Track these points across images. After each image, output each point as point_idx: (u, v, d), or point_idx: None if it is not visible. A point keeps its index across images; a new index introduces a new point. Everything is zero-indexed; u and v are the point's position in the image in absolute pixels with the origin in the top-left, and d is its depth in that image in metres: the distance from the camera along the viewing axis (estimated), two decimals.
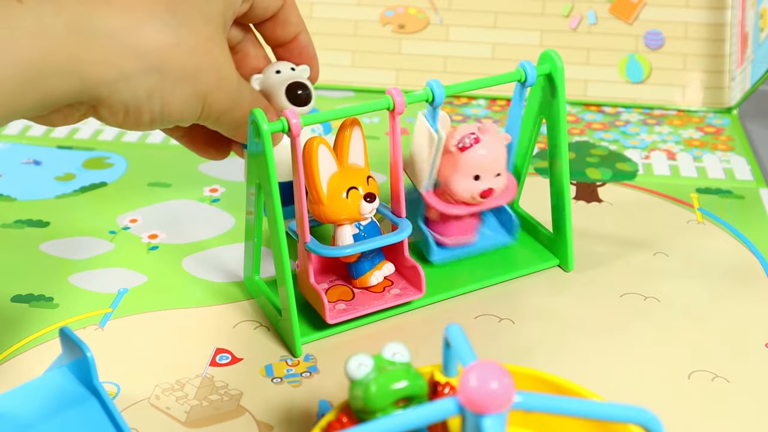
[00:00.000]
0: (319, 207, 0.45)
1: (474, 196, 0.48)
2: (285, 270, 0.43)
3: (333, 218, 0.46)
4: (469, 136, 0.47)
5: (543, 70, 0.48)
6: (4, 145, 0.68)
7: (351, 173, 0.45)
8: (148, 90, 0.39)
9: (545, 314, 0.49)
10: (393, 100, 0.45)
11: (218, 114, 0.42)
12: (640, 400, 0.42)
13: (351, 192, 0.45)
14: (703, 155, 0.67)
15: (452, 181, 0.48)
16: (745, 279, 0.52)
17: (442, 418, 0.31)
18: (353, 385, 0.35)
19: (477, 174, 0.48)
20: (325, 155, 0.45)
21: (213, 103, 0.42)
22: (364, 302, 0.48)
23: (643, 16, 0.75)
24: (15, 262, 0.54)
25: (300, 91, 0.48)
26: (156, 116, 0.40)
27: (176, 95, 0.40)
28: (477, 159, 0.47)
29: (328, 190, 0.45)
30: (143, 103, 0.39)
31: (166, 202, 0.60)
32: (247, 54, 0.49)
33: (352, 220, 0.46)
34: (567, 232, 0.51)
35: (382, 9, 0.77)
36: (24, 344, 0.47)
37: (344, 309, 0.47)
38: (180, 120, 0.41)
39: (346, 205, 0.45)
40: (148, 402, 0.43)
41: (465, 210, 0.49)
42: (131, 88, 0.38)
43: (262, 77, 0.48)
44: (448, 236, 0.50)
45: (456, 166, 0.48)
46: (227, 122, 0.43)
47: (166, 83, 0.39)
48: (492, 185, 0.48)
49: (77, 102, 0.38)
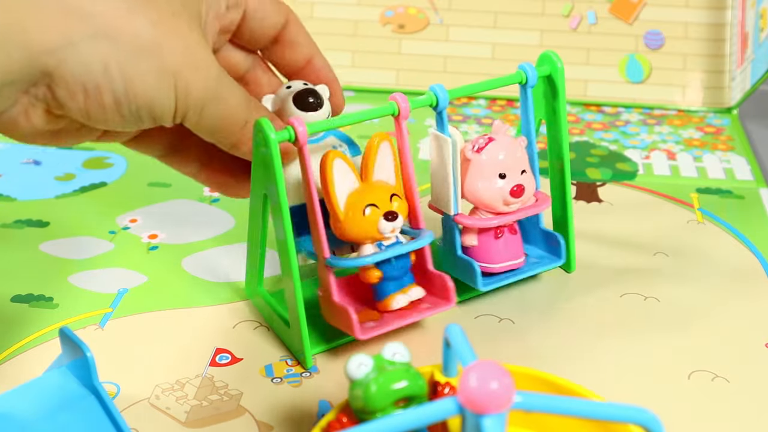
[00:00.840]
0: (336, 224, 0.43)
1: (505, 197, 0.46)
2: (295, 282, 0.42)
3: (351, 236, 0.43)
4: (482, 137, 0.47)
5: (543, 72, 0.47)
6: (4, 145, 0.68)
7: (373, 189, 0.43)
8: (102, 60, 0.35)
9: (545, 314, 0.49)
10: (398, 105, 0.44)
11: (199, 104, 0.38)
12: (640, 400, 0.42)
13: (370, 209, 0.43)
14: (703, 155, 0.67)
15: (479, 188, 0.46)
16: (745, 279, 0.52)
17: (442, 418, 0.31)
18: (353, 385, 0.35)
19: (501, 172, 0.46)
20: (342, 169, 0.43)
21: (188, 87, 0.38)
22: (393, 319, 0.44)
23: (643, 16, 0.75)
24: (15, 262, 0.54)
25: (311, 99, 0.44)
26: (120, 96, 0.36)
27: (138, 70, 0.36)
28: (496, 156, 0.46)
29: (346, 206, 0.43)
30: (100, 78, 0.36)
31: (166, 202, 0.60)
32: (258, 82, 0.47)
33: (373, 239, 0.43)
34: (569, 234, 0.51)
35: (382, 9, 0.77)
36: (24, 344, 0.47)
37: (373, 326, 0.44)
38: (151, 106, 0.37)
39: (364, 222, 0.43)
40: (148, 402, 0.43)
41: (500, 220, 0.47)
42: (81, 59, 0.35)
43: (273, 96, 0.45)
44: (493, 262, 0.48)
45: (478, 169, 0.46)
46: (215, 119, 0.40)
47: (120, 54, 0.36)
48: (520, 182, 0.46)
49: (31, 85, 0.35)
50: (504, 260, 0.48)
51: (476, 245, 0.48)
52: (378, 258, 0.43)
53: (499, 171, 0.46)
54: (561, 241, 0.49)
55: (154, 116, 0.38)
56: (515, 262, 0.48)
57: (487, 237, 0.48)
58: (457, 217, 0.47)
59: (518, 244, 0.49)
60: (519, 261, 0.49)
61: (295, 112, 0.44)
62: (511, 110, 0.75)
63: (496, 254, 0.48)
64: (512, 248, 0.48)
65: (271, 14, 0.44)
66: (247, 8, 0.44)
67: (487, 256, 0.48)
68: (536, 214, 0.49)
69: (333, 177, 0.43)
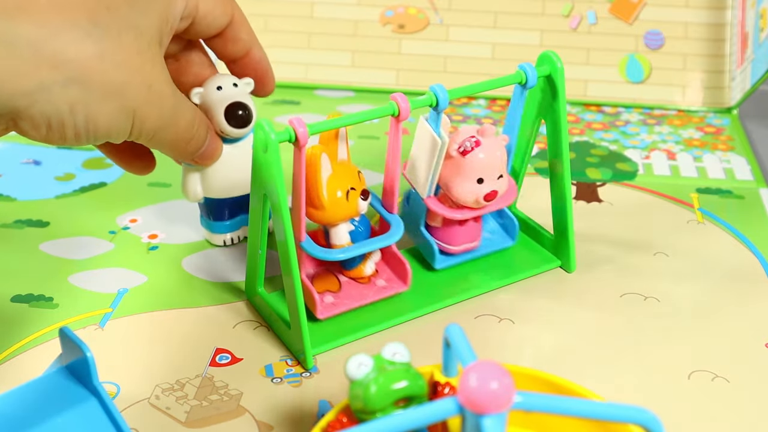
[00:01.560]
0: (320, 212, 0.45)
1: (478, 199, 0.48)
2: (295, 282, 0.43)
3: (332, 220, 0.46)
4: (469, 139, 0.47)
5: (543, 72, 0.47)
6: (4, 145, 0.68)
7: (344, 173, 0.46)
8: (70, 103, 0.37)
9: (545, 314, 0.49)
10: (398, 106, 0.44)
11: (151, 132, 0.41)
12: (640, 400, 0.42)
13: (350, 194, 0.45)
14: (703, 155, 0.67)
15: (455, 186, 0.48)
16: (745, 279, 0.52)
17: (442, 418, 0.31)
18: (353, 385, 0.35)
19: (480, 177, 0.47)
20: (326, 163, 0.45)
21: (144, 119, 0.40)
22: (352, 293, 0.48)
23: (643, 16, 0.75)
24: (15, 262, 0.54)
25: (240, 112, 0.48)
26: (81, 131, 0.39)
27: (102, 110, 0.38)
28: (479, 162, 0.47)
29: (329, 193, 0.45)
30: (65, 117, 0.38)
31: (166, 202, 0.60)
32: (189, 61, 0.49)
33: (348, 218, 0.46)
34: (569, 234, 0.51)
35: (382, 9, 0.77)
36: (24, 344, 0.47)
37: (333, 303, 0.47)
38: (108, 136, 0.40)
39: (346, 206, 0.45)
40: (148, 402, 0.43)
41: (468, 214, 0.49)
42: (52, 101, 0.37)
43: (202, 91, 0.48)
44: (452, 243, 0.50)
45: (458, 170, 0.47)
46: (163, 141, 0.43)
47: (89, 97, 0.38)
48: (495, 187, 0.48)
49: None
50: (462, 242, 0.51)
51: (439, 227, 0.50)
52: (354, 253, 0.46)
53: (478, 176, 0.47)
54: (515, 222, 0.52)
55: (108, 140, 0.41)
56: (471, 244, 0.51)
57: (452, 222, 0.50)
58: (427, 200, 0.49)
59: (478, 229, 0.51)
60: (474, 243, 0.51)
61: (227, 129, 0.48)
62: None
63: (456, 237, 0.50)
64: (472, 232, 0.51)
65: (218, 17, 0.46)
66: (197, 15, 0.45)
67: (447, 238, 0.50)
68: None
69: (321, 172, 0.44)
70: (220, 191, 0.52)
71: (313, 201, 0.45)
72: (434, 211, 0.49)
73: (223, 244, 0.55)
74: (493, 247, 0.52)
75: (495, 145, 0.47)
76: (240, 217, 0.54)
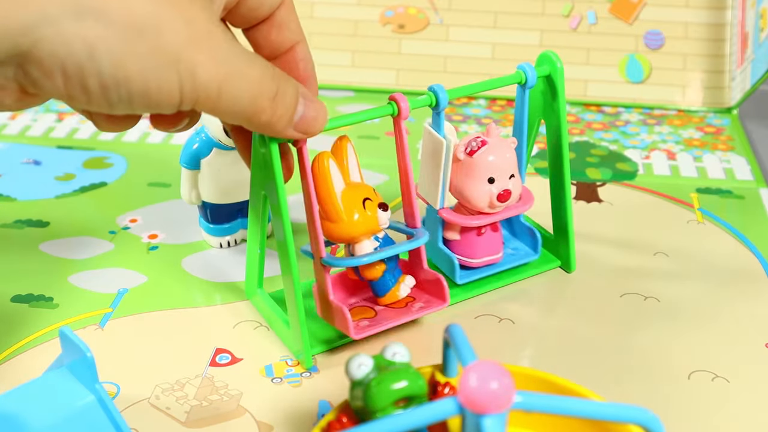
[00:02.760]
0: (338, 225, 0.43)
1: (492, 200, 0.47)
2: (294, 282, 0.43)
3: (353, 234, 0.43)
4: (475, 139, 0.47)
5: (542, 72, 0.47)
6: (4, 145, 0.68)
7: (358, 187, 0.44)
8: (87, 41, 0.30)
9: (545, 314, 0.49)
10: (398, 105, 0.44)
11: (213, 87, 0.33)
12: (640, 400, 0.42)
13: (366, 203, 0.43)
14: (703, 155, 0.67)
15: (467, 189, 0.47)
16: (745, 279, 0.52)
17: (442, 418, 0.31)
18: (353, 385, 0.35)
19: (491, 176, 0.47)
20: (336, 171, 0.43)
21: (195, 66, 0.32)
22: (388, 315, 0.46)
23: (643, 16, 0.75)
24: (15, 262, 0.54)
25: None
26: (108, 81, 0.31)
27: (131, 51, 0.30)
28: (488, 160, 0.46)
29: (345, 205, 0.43)
30: (84, 60, 0.30)
31: (166, 202, 0.60)
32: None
33: (372, 233, 0.44)
34: (569, 234, 0.51)
35: (382, 9, 0.77)
36: (24, 344, 0.47)
37: (368, 325, 0.45)
38: (147, 92, 0.32)
39: (365, 217, 0.43)
40: (148, 402, 0.43)
41: (484, 220, 0.48)
42: (62, 38, 0.30)
43: None
44: (473, 257, 0.49)
45: (468, 171, 0.47)
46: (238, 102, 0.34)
47: (111, 33, 0.30)
48: (507, 186, 0.47)
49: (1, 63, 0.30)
50: (483, 255, 0.49)
51: (458, 240, 0.49)
52: (380, 256, 0.44)
53: (489, 175, 0.47)
54: (538, 236, 0.51)
55: (149, 103, 0.33)
56: (494, 257, 0.50)
57: (470, 233, 0.49)
58: (441, 211, 0.48)
59: (498, 240, 0.50)
60: (497, 256, 0.50)
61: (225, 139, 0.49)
62: (511, 110, 0.74)
63: (476, 249, 0.49)
64: (492, 244, 0.49)
65: None
66: None
67: (467, 251, 0.49)
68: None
69: (332, 179, 0.43)
70: (218, 197, 0.52)
71: (329, 214, 0.43)
72: (450, 221, 0.48)
73: (220, 247, 0.55)
74: (517, 261, 0.51)
75: (502, 143, 0.47)
76: (238, 220, 0.54)
